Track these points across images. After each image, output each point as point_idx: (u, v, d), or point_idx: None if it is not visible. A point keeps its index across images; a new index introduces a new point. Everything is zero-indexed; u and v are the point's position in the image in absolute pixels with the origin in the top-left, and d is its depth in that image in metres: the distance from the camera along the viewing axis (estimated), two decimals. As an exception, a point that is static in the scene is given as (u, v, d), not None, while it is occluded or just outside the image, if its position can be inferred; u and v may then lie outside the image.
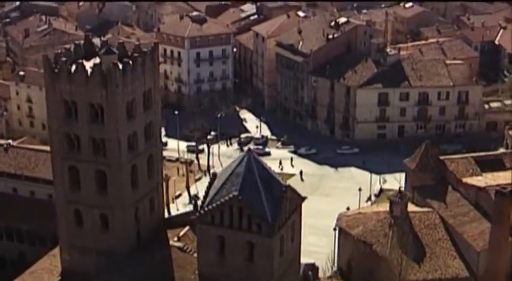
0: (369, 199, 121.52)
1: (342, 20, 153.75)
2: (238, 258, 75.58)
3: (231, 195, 75.23)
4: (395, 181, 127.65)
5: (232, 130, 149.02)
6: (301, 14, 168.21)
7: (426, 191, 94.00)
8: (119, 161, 78.58)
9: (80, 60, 78.30)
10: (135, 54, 79.49)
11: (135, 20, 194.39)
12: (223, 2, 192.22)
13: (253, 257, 75.24)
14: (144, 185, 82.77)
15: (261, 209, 75.09)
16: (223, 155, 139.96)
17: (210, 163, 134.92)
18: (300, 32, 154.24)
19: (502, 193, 70.13)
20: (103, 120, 77.99)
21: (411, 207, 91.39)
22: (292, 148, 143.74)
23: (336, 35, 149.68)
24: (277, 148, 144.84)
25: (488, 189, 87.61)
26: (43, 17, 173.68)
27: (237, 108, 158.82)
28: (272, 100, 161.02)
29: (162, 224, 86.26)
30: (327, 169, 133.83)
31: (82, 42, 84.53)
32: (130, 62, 78.34)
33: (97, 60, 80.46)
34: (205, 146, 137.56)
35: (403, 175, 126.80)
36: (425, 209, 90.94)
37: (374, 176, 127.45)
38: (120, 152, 78.39)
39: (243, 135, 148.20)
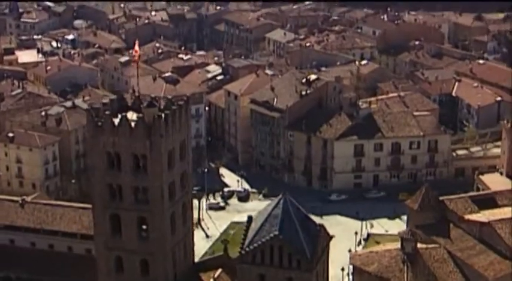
0: (359, 243, 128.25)
1: (313, 76, 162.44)
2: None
3: (271, 235, 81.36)
4: (379, 226, 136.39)
5: (212, 185, 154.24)
6: (269, 72, 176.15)
7: (430, 229, 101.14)
8: (162, 208, 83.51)
9: (124, 113, 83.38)
10: (174, 107, 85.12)
11: (101, 82, 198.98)
12: (186, 64, 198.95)
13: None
14: (180, 231, 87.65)
15: (300, 246, 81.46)
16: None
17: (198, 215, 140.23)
18: (272, 89, 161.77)
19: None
20: (146, 170, 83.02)
21: (418, 244, 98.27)
22: (274, 199, 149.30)
23: (308, 91, 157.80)
24: (259, 200, 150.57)
25: (492, 223, 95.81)
26: (15, 81, 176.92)
27: (216, 164, 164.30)
28: (246, 156, 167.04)
29: (194, 267, 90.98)
30: (313, 218, 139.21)
31: (115, 97, 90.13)
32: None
33: (131, 113, 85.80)
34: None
35: (385, 220, 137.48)
36: (433, 245, 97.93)
37: (359, 222, 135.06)
38: (163, 200, 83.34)
39: (225, 189, 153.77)
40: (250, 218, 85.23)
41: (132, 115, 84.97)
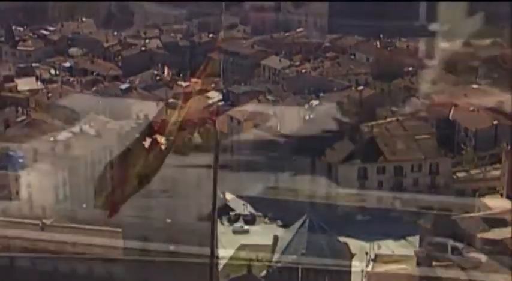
0: (368, 263, 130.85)
1: (315, 102, 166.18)
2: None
3: (299, 253, 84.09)
4: (385, 247, 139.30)
5: (218, 209, 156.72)
6: (270, 98, 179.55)
7: (443, 248, 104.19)
8: (190, 229, 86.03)
9: (154, 136, 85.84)
10: (201, 130, 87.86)
11: (101, 109, 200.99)
12: (186, 90, 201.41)
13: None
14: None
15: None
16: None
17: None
18: (275, 114, 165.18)
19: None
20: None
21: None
22: (279, 222, 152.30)
23: (311, 116, 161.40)
24: (265, 223, 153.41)
25: (505, 241, 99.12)
26: (19, 109, 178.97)
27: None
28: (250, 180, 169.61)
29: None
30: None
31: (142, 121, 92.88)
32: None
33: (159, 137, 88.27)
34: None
35: (390, 240, 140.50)
36: (447, 263, 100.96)
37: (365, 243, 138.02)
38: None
39: (231, 213, 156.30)
40: (276, 238, 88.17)
41: (160, 138, 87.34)
